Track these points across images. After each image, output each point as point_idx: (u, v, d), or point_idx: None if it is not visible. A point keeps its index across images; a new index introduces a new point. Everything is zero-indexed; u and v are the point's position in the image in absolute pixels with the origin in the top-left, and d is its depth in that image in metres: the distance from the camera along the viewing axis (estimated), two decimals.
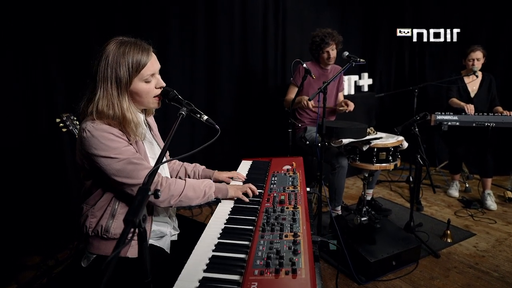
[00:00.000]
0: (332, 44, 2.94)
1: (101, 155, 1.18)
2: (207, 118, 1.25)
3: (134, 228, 0.76)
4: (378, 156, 2.55)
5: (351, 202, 3.48)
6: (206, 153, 3.54)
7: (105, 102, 1.21)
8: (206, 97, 3.51)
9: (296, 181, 1.58)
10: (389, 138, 2.63)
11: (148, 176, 0.89)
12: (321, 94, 2.25)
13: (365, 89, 4.50)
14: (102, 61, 1.21)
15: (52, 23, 2.52)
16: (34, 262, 2.43)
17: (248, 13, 3.63)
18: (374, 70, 4.81)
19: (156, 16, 3.05)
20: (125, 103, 1.23)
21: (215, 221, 1.25)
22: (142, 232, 0.81)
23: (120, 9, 2.84)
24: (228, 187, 1.44)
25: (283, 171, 1.74)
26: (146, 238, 0.82)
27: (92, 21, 2.69)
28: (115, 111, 1.21)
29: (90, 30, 2.68)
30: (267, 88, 3.88)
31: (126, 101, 1.23)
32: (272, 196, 1.42)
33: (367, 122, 4.13)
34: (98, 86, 1.21)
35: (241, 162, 2.02)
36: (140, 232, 0.81)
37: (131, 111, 1.25)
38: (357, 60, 2.41)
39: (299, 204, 1.31)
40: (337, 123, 2.66)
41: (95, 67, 1.22)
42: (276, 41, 3.91)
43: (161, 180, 1.28)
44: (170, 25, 3.15)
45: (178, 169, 1.69)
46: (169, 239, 1.48)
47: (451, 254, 2.51)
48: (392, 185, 4.00)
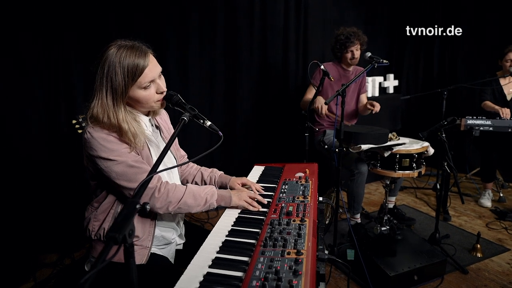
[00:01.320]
0: (357, 43, 2.82)
1: (101, 156, 1.16)
2: (210, 124, 1.19)
3: (116, 245, 0.71)
4: (401, 163, 2.41)
5: (373, 209, 3.32)
6: (224, 156, 3.51)
7: (100, 110, 1.17)
8: (224, 99, 3.47)
9: (307, 190, 1.49)
10: (413, 144, 2.48)
11: (138, 187, 0.84)
12: (339, 97, 2.14)
13: (391, 91, 4.30)
14: (99, 68, 1.17)
15: (73, 19, 2.55)
16: (52, 260, 2.48)
17: (268, 13, 3.56)
18: (401, 71, 4.60)
19: (175, 16, 3.04)
20: (121, 113, 1.18)
21: (217, 232, 1.19)
22: (128, 247, 0.76)
23: (141, 8, 2.84)
24: (232, 195, 1.38)
25: (295, 179, 1.66)
26: (133, 254, 0.77)
27: (112, 20, 2.71)
28: (110, 121, 1.17)
29: (111, 30, 2.69)
30: (288, 90, 3.79)
31: (122, 112, 1.19)
32: (280, 206, 1.34)
33: (392, 126, 3.95)
34: (95, 93, 1.19)
35: (253, 168, 1.95)
36: (126, 248, 0.76)
37: (127, 121, 1.19)
38: (380, 61, 2.28)
39: (307, 217, 1.22)
40: (356, 128, 2.53)
41: (95, 74, 1.19)
42: (297, 41, 3.81)
43: (160, 186, 1.24)
44: (189, 24, 3.13)
45: (194, 174, 1.63)
46: (174, 247, 1.44)
47: (481, 271, 2.32)
48: (418, 192, 3.80)
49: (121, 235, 0.71)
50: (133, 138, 1.19)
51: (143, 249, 1.26)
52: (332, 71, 2.93)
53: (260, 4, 3.49)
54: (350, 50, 2.82)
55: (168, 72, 3.07)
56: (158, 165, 0.93)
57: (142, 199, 1.20)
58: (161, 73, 1.29)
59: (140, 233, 1.26)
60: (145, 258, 1.26)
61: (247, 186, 1.56)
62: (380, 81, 4.17)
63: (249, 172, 1.87)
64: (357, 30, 2.84)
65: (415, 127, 3.81)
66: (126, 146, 1.20)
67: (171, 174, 1.42)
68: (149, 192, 1.21)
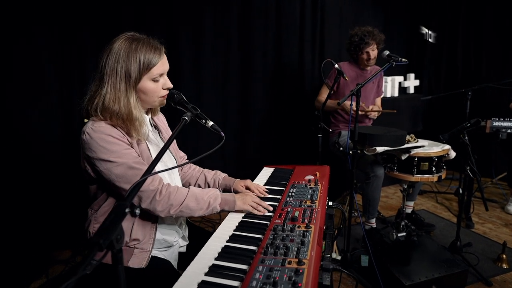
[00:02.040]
0: (372, 43, 2.71)
1: (100, 158, 1.14)
2: (212, 124, 1.15)
3: (101, 251, 0.68)
4: (419, 166, 2.29)
5: (390, 214, 3.20)
6: (237, 156, 3.47)
7: (112, 97, 1.17)
8: (238, 98, 3.43)
9: (315, 194, 1.43)
10: (433, 146, 2.36)
11: (130, 190, 0.80)
12: (354, 97, 2.05)
13: (411, 91, 4.14)
14: (112, 55, 1.17)
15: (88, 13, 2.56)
16: (65, 256, 2.51)
17: (284, 12, 3.50)
18: (422, 70, 4.43)
19: (189, 15, 3.02)
20: (132, 99, 1.19)
21: (218, 236, 1.14)
22: (116, 253, 0.73)
23: (155, 6, 2.83)
24: (236, 199, 1.33)
25: (304, 182, 1.60)
26: (121, 260, 0.74)
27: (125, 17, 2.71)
28: (120, 107, 1.17)
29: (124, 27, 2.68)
30: (303, 90, 3.71)
31: (133, 98, 1.19)
32: (285, 211, 1.28)
33: (412, 128, 3.80)
34: (105, 80, 1.18)
35: (263, 169, 1.90)
36: (113, 254, 0.73)
37: (138, 108, 1.21)
38: (399, 59, 2.18)
39: (312, 223, 1.16)
40: (371, 129, 2.43)
41: (103, 61, 1.18)
42: (313, 41, 3.72)
43: (161, 188, 1.20)
44: (203, 24, 3.11)
45: (197, 176, 1.60)
46: (177, 250, 1.40)
47: (507, 283, 2.17)
48: (439, 196, 3.63)
49: (107, 241, 0.68)
50: (139, 126, 1.19)
51: (143, 252, 1.23)
52: (349, 71, 2.83)
53: (275, 3, 3.43)
54: (366, 52, 2.72)
55: (181, 72, 3.06)
56: (154, 165, 0.89)
57: (143, 202, 1.18)
58: None
59: (141, 236, 1.23)
60: (145, 261, 1.23)
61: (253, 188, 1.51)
62: (400, 81, 4.02)
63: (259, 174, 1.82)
64: (372, 29, 2.72)
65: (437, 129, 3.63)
66: (126, 146, 1.18)
67: (172, 175, 1.39)
68: (150, 194, 1.18)
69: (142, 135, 1.21)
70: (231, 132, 3.42)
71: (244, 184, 1.52)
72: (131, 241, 1.22)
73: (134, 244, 1.23)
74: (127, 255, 1.21)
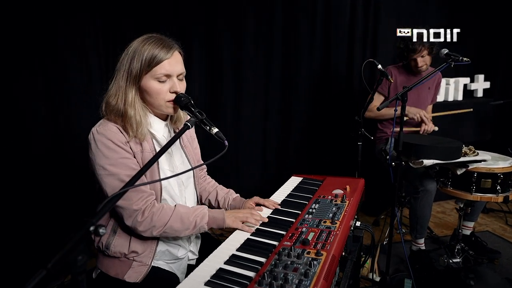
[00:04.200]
0: (422, 50, 2.37)
1: (96, 161, 1.11)
2: (216, 131, 1.06)
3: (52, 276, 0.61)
4: (480, 184, 1.97)
5: (445, 233, 2.82)
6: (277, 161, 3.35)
7: (113, 92, 1.15)
8: (280, 101, 3.31)
9: (339, 213, 1.25)
10: (498, 161, 2.01)
11: (102, 206, 0.73)
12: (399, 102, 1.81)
13: (479, 94, 3.64)
14: (125, 54, 1.15)
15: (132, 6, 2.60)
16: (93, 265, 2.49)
17: (333, 9, 3.28)
18: (495, 70, 3.87)
19: (231, 13, 2.97)
20: (130, 96, 1.14)
21: (216, 256, 1.04)
22: (76, 276, 0.66)
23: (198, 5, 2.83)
24: (226, 216, 1.22)
25: (330, 197, 1.42)
26: (83, 284, 0.66)
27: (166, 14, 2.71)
28: (117, 102, 1.13)
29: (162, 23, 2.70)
30: (351, 93, 3.45)
31: (131, 95, 1.14)
32: (299, 231, 1.13)
33: (479, 137, 3.33)
34: (114, 77, 1.17)
35: (290, 178, 1.76)
36: (73, 276, 0.66)
37: (135, 107, 1.14)
38: (459, 59, 1.88)
39: (325, 249, 1.00)
40: (420, 138, 2.14)
41: (119, 60, 1.17)
42: (365, 40, 3.43)
43: (144, 208, 1.13)
44: (245, 23, 3.04)
45: (210, 191, 1.51)
46: (185, 263, 1.33)
47: None
48: (509, 217, 3.13)
49: (57, 266, 0.61)
50: (135, 126, 1.13)
51: (141, 266, 1.18)
52: (400, 74, 2.55)
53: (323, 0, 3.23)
54: (413, 59, 2.41)
55: (222, 73, 3.04)
56: (136, 179, 0.82)
57: (126, 219, 1.10)
58: (184, 77, 1.22)
59: (140, 248, 1.18)
60: (141, 276, 1.17)
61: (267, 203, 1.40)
62: (466, 83, 3.55)
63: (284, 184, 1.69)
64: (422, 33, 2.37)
65: (508, 139, 3.16)
66: (125, 155, 1.12)
67: (182, 188, 1.30)
68: (132, 213, 1.11)
69: (140, 135, 1.14)
70: (273, 133, 3.32)
71: (253, 202, 1.40)
72: (130, 253, 1.17)
73: (133, 256, 1.17)
74: (125, 268, 1.17)
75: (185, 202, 1.30)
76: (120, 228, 1.18)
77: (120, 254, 1.17)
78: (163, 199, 1.22)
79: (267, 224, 1.24)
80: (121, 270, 1.16)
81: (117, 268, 1.17)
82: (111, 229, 1.19)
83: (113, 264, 1.18)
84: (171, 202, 1.24)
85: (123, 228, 1.17)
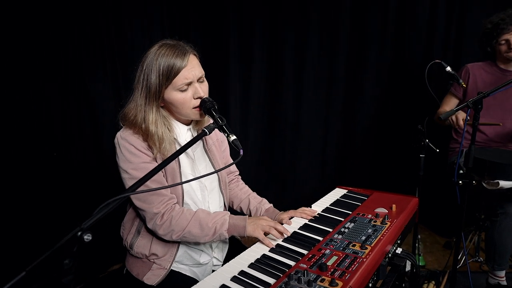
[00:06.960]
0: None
1: (119, 165, 1.15)
2: (234, 139, 1.02)
3: None
4: None
5: None
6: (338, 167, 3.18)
7: (132, 111, 1.15)
8: (343, 103, 3.12)
9: (374, 236, 1.10)
10: None
11: (96, 212, 0.73)
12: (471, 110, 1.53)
13: None
14: (139, 66, 1.15)
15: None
16: None
17: (408, 3, 2.96)
18: None
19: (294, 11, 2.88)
20: (151, 114, 1.12)
21: (223, 271, 0.98)
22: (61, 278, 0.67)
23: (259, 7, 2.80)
24: (248, 224, 1.15)
25: (370, 216, 1.26)
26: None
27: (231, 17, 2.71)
28: (137, 121, 1.13)
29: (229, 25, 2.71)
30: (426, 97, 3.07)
31: (152, 113, 1.13)
32: (321, 252, 1.02)
33: None
34: (132, 92, 1.17)
35: (334, 189, 1.63)
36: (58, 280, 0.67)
37: (156, 124, 1.13)
38: None
39: (343, 279, 0.87)
40: (498, 154, 1.79)
41: (136, 71, 1.17)
42: (447, 36, 3.02)
43: (164, 212, 1.13)
44: (308, 21, 2.93)
45: (242, 198, 1.46)
46: (210, 268, 1.31)
47: None
48: None
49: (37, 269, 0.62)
50: (158, 142, 1.13)
51: (160, 269, 1.19)
52: (484, 74, 2.17)
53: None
54: (504, 39, 2.00)
55: (284, 75, 2.98)
56: (141, 183, 0.81)
57: (147, 222, 1.12)
58: (204, 77, 1.18)
59: (160, 251, 1.19)
60: (158, 279, 1.18)
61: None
62: None
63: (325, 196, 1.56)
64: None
65: None
66: (147, 159, 1.14)
67: (205, 193, 1.27)
68: (152, 216, 1.13)
69: (164, 150, 1.13)
70: (333, 139, 3.17)
71: (288, 215, 1.31)
72: (150, 255, 1.19)
73: (154, 258, 1.19)
74: (146, 269, 1.19)
75: (208, 207, 1.28)
76: (144, 230, 1.21)
77: (141, 255, 1.20)
78: (185, 203, 1.21)
79: (290, 239, 1.16)
80: (142, 270, 1.19)
81: (139, 268, 1.20)
82: (136, 229, 1.22)
83: (136, 264, 1.22)
84: (193, 207, 1.23)
85: (147, 229, 1.20)
